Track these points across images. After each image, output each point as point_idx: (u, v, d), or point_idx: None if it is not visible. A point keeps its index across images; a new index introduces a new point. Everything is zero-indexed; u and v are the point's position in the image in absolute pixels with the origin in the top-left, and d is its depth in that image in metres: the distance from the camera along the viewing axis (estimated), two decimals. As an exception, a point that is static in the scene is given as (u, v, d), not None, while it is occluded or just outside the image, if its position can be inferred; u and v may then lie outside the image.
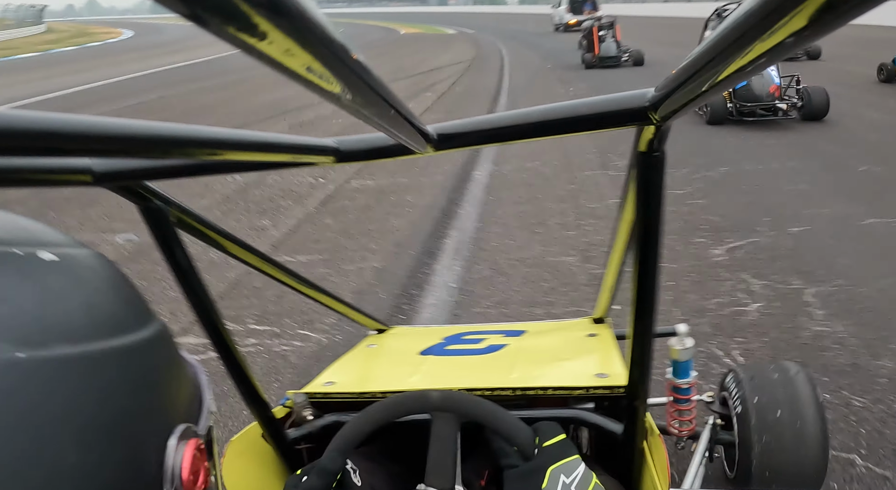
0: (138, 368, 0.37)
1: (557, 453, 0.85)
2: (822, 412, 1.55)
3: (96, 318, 0.36)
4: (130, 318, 0.39)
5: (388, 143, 0.67)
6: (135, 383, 0.37)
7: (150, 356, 0.39)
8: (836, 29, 0.26)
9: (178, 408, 0.41)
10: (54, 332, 0.33)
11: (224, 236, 0.98)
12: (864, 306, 2.84)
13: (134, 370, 0.37)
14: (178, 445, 0.38)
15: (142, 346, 0.38)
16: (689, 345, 1.44)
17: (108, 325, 0.37)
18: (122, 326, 0.38)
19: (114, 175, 0.62)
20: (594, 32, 13.24)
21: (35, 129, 0.33)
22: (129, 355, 0.37)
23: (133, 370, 0.37)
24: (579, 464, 0.84)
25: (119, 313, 0.38)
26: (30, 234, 0.39)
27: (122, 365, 0.36)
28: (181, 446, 0.39)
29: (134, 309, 0.40)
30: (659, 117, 0.57)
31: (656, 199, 0.70)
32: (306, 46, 0.24)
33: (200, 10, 0.19)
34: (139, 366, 0.38)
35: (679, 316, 2.82)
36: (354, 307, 1.60)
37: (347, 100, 0.34)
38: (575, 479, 0.82)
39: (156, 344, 0.40)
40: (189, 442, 0.40)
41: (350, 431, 0.93)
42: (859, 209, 4.07)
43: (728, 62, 0.35)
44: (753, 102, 6.58)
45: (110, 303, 0.39)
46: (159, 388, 0.39)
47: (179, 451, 0.38)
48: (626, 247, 1.16)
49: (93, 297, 0.37)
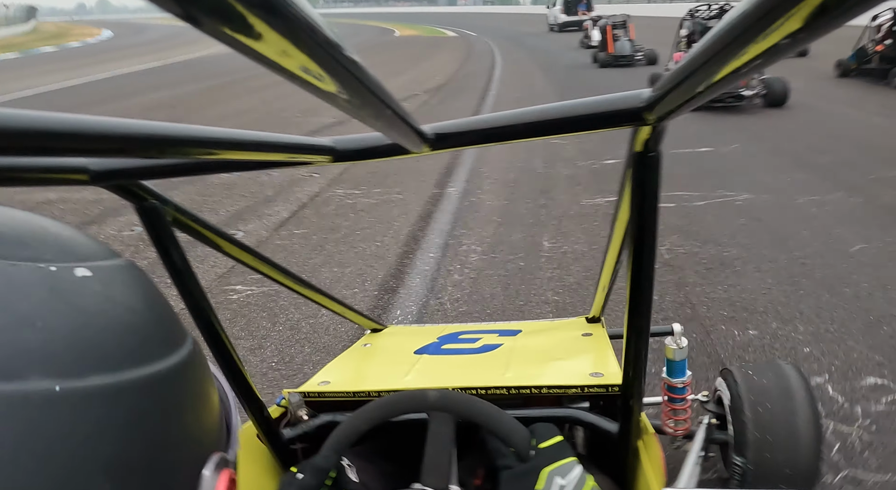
0: (171, 396, 0.37)
1: (553, 455, 0.85)
2: (816, 411, 1.56)
3: (129, 342, 0.35)
4: (165, 341, 0.38)
5: (384, 142, 0.67)
6: (168, 412, 0.36)
7: (183, 381, 0.38)
8: (831, 31, 0.26)
9: (210, 434, 0.40)
10: (88, 360, 0.32)
11: (220, 235, 0.99)
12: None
13: (167, 398, 0.36)
14: (212, 476, 0.38)
15: (175, 371, 0.38)
16: (684, 344, 1.44)
17: (144, 349, 0.36)
18: (157, 351, 0.37)
19: (110, 174, 0.62)
20: (608, 31, 13.22)
21: (31, 129, 0.33)
22: (163, 382, 0.36)
23: (166, 398, 0.36)
24: (575, 466, 0.84)
25: (154, 336, 0.38)
26: (63, 246, 0.38)
27: (155, 393, 0.35)
28: (215, 477, 0.38)
29: (167, 330, 0.40)
30: (655, 118, 0.57)
31: (651, 200, 0.70)
32: (302, 47, 0.24)
33: (195, 11, 0.19)
34: (172, 393, 0.37)
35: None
36: (350, 307, 1.61)
37: (343, 100, 0.34)
38: (571, 481, 0.82)
39: (188, 368, 0.39)
40: (223, 472, 0.39)
41: (346, 430, 0.93)
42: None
43: (724, 63, 0.35)
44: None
45: (143, 324, 0.38)
46: (192, 414, 0.38)
47: (213, 481, 0.38)
48: (621, 246, 1.16)
49: (126, 317, 0.37)
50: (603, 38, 13.46)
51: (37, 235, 0.38)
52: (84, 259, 0.38)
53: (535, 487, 0.82)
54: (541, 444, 0.86)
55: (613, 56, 13.00)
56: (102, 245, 0.42)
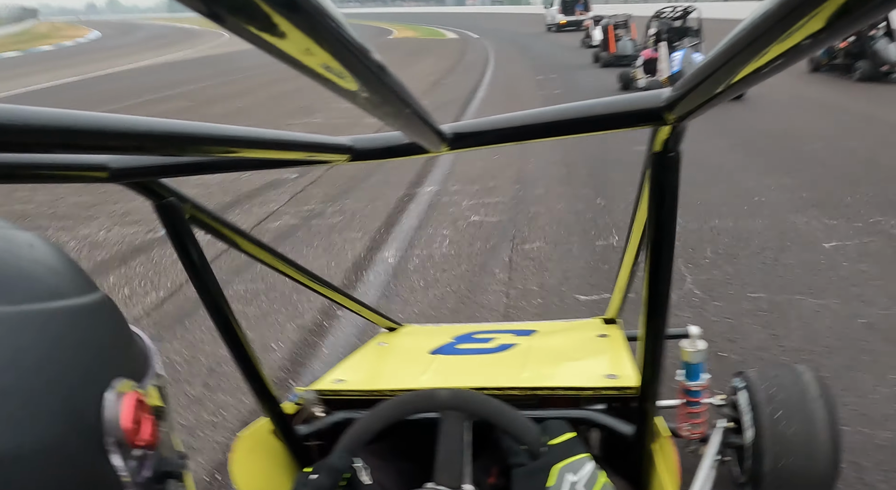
0: (74, 329, 0.39)
1: (564, 452, 0.85)
2: (833, 416, 1.53)
3: (33, 282, 0.38)
4: (68, 286, 0.41)
5: (402, 141, 0.67)
6: (71, 342, 0.38)
7: (88, 320, 0.41)
8: (853, 31, 0.26)
9: (118, 367, 0.42)
10: None
11: (238, 233, 0.99)
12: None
13: (70, 330, 0.39)
14: (117, 398, 0.40)
15: (79, 309, 0.40)
16: (701, 347, 1.43)
17: (45, 289, 0.38)
18: (59, 292, 0.39)
19: (129, 172, 0.63)
20: (610, 31, 13.20)
21: (53, 126, 0.34)
22: (65, 317, 0.39)
23: (69, 330, 0.39)
24: (587, 462, 0.84)
25: (57, 281, 0.40)
26: None
27: (58, 325, 0.38)
28: (120, 398, 0.40)
29: (72, 278, 0.42)
30: (674, 118, 0.57)
31: (671, 200, 0.70)
32: (325, 45, 0.24)
33: (220, 10, 0.19)
34: (76, 327, 0.39)
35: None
36: (367, 305, 1.61)
37: (364, 98, 0.34)
38: (582, 477, 0.82)
39: (94, 310, 0.42)
40: (128, 393, 0.41)
41: (359, 430, 0.93)
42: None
43: (745, 63, 0.35)
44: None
45: (48, 271, 0.40)
46: (97, 348, 0.41)
47: (119, 402, 0.40)
48: (639, 247, 1.15)
49: (30, 265, 0.39)
50: (605, 38, 13.43)
51: None
52: None
53: (546, 484, 0.81)
54: (551, 441, 0.86)
55: (615, 56, 12.90)
56: (7, 220, 0.45)
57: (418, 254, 3.79)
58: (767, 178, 4.74)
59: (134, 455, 0.41)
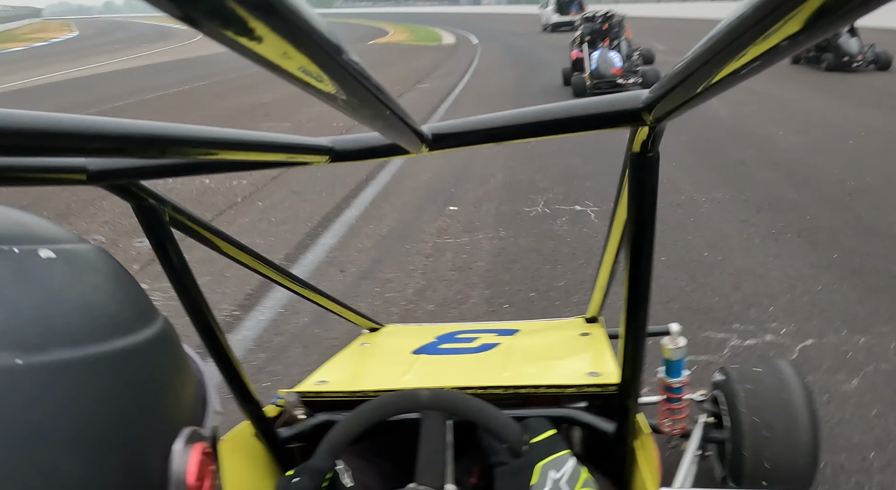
0: (139, 370, 0.37)
1: (546, 449, 0.85)
2: (813, 410, 1.56)
3: (96, 318, 0.35)
4: (132, 318, 0.38)
5: (382, 142, 0.67)
6: (136, 386, 0.36)
7: (153, 356, 0.38)
8: (831, 32, 0.26)
9: (182, 409, 0.40)
10: (53, 335, 0.32)
11: (218, 235, 0.98)
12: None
13: (135, 372, 0.36)
14: (183, 450, 0.37)
15: (143, 346, 0.38)
16: (682, 344, 1.45)
17: (109, 325, 0.36)
18: (123, 327, 0.37)
19: (108, 174, 0.62)
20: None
21: (29, 129, 0.33)
22: (131, 357, 0.36)
23: (134, 372, 0.36)
24: (568, 458, 0.85)
25: (120, 313, 0.38)
26: (27, 230, 0.38)
27: (123, 367, 0.35)
28: (187, 450, 0.38)
29: (135, 307, 0.40)
30: (653, 119, 0.57)
31: (650, 200, 0.70)
32: (302, 48, 0.24)
33: (195, 14, 0.19)
34: (140, 367, 0.37)
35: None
36: (348, 307, 1.61)
37: (342, 100, 0.34)
38: (564, 474, 0.82)
39: (158, 344, 0.39)
40: (195, 446, 0.39)
41: (340, 431, 0.93)
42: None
43: (722, 65, 0.35)
44: (601, 79, 9.07)
45: (111, 301, 0.38)
46: (162, 389, 0.38)
47: (185, 455, 0.38)
48: (618, 246, 1.16)
49: (93, 295, 0.37)
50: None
51: (1, 221, 0.38)
52: (48, 242, 0.38)
53: (530, 483, 0.82)
54: (533, 439, 0.86)
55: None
56: (69, 230, 0.42)
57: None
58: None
59: None
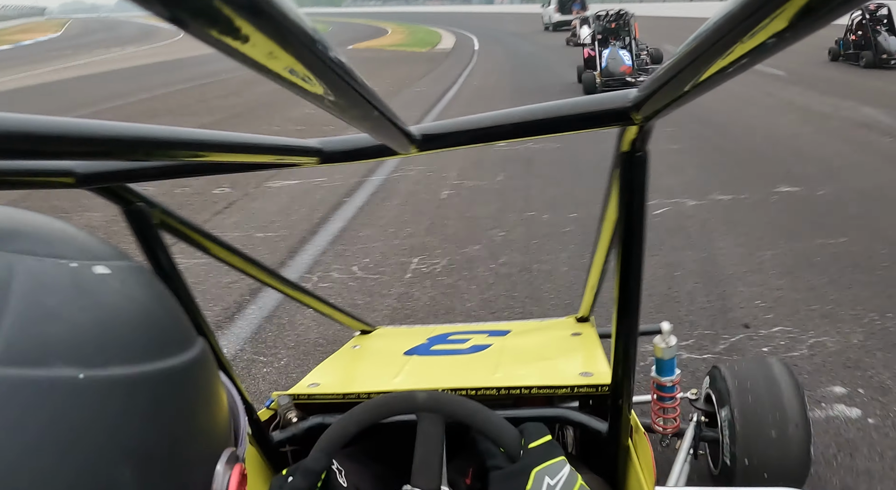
0: (188, 389, 0.37)
1: (542, 455, 0.85)
2: (804, 407, 1.57)
3: (150, 337, 0.36)
4: (179, 338, 0.39)
5: (371, 143, 0.67)
6: (185, 404, 0.37)
7: (197, 377, 0.39)
8: (817, 30, 0.27)
9: (222, 430, 0.41)
10: (111, 351, 0.33)
11: (207, 237, 0.98)
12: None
13: (184, 391, 0.37)
14: (224, 470, 0.38)
15: (190, 366, 0.38)
16: (673, 343, 1.45)
17: (161, 344, 0.37)
18: (172, 346, 0.37)
19: (96, 177, 0.61)
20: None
21: (16, 132, 0.33)
22: (180, 376, 0.37)
23: (183, 391, 0.37)
24: (564, 465, 0.85)
25: (169, 333, 0.38)
26: (80, 245, 0.39)
27: (174, 386, 0.36)
28: (227, 471, 0.39)
29: (181, 328, 0.40)
30: (641, 118, 0.57)
31: (639, 199, 0.70)
32: (289, 48, 0.24)
33: (182, 14, 0.19)
34: (188, 386, 0.37)
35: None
36: (340, 309, 1.60)
37: (330, 101, 0.34)
38: (560, 480, 0.82)
39: (202, 364, 0.40)
40: (235, 467, 0.39)
41: (335, 432, 0.93)
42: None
43: (710, 63, 0.35)
44: (610, 77, 9.38)
45: (161, 321, 0.38)
46: (206, 409, 0.39)
47: (226, 476, 0.38)
48: (609, 246, 1.17)
49: (145, 315, 0.37)
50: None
51: (55, 234, 0.39)
52: (101, 258, 0.39)
53: (525, 488, 0.82)
54: (530, 444, 0.86)
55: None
56: (114, 247, 0.43)
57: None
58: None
59: None
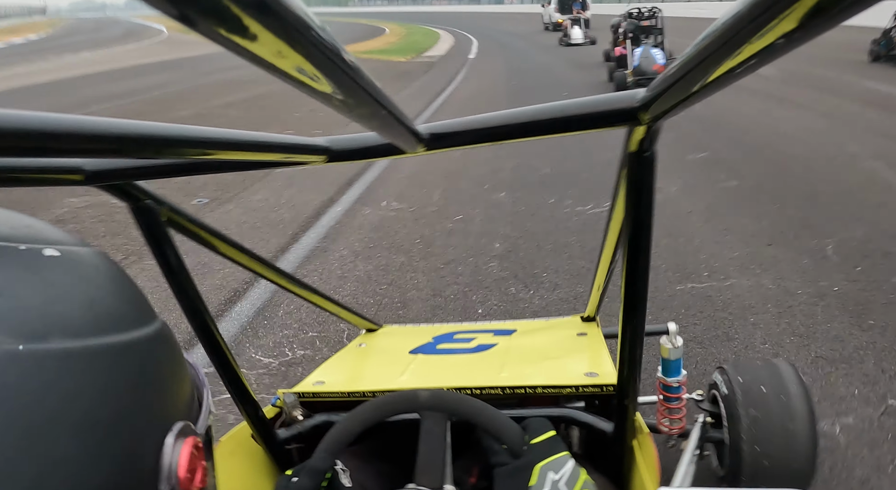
0: (137, 365, 0.38)
1: (546, 450, 0.85)
2: (811, 409, 1.56)
3: (97, 313, 0.37)
4: (131, 316, 0.39)
5: (379, 142, 0.67)
6: (133, 380, 0.37)
7: (150, 354, 0.40)
8: (827, 30, 0.26)
9: (177, 406, 0.41)
10: (55, 325, 0.34)
11: (215, 235, 0.98)
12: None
13: (133, 367, 0.37)
14: (175, 443, 0.39)
15: (141, 343, 0.39)
16: (679, 343, 1.45)
17: (109, 321, 0.37)
18: (122, 323, 0.38)
19: (105, 174, 0.62)
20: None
21: (26, 129, 0.33)
22: (129, 352, 0.37)
23: (132, 367, 0.37)
24: (567, 460, 0.85)
25: (120, 310, 0.39)
26: (33, 232, 0.39)
27: (122, 361, 0.36)
28: (178, 444, 0.39)
29: (135, 307, 0.41)
30: (649, 118, 0.57)
31: (647, 199, 0.70)
32: (297, 47, 0.24)
33: (190, 12, 0.19)
34: (138, 363, 0.38)
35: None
36: (346, 307, 1.60)
37: (338, 100, 0.34)
38: (563, 475, 0.82)
39: (155, 342, 0.41)
40: (186, 439, 0.40)
41: (340, 431, 0.93)
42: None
43: (718, 64, 0.35)
44: (643, 77, 9.11)
45: (112, 300, 0.39)
46: (158, 385, 0.40)
47: (177, 448, 0.39)
48: (616, 246, 1.16)
49: (94, 293, 0.38)
50: (616, 37, 11.68)
51: (6, 222, 0.39)
52: (53, 243, 0.39)
53: (528, 484, 0.82)
54: (532, 440, 0.86)
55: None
56: (73, 234, 0.43)
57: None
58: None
59: None
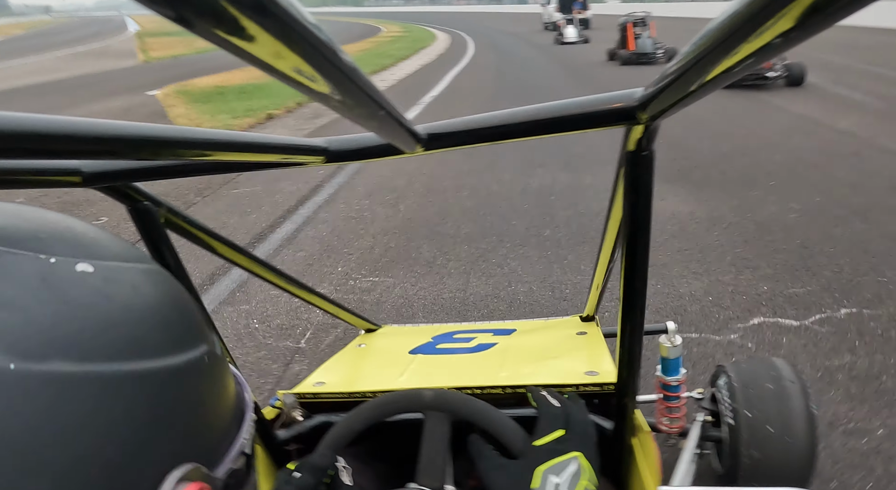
0: (150, 397, 0.35)
1: (549, 452, 0.85)
2: (810, 408, 1.56)
3: (113, 337, 0.34)
4: (158, 343, 0.37)
5: (377, 142, 0.67)
6: (137, 413, 0.34)
7: (171, 385, 0.37)
8: (824, 30, 0.26)
9: (186, 446, 0.38)
10: (57, 346, 0.32)
11: (213, 236, 0.98)
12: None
13: (141, 399, 0.35)
14: (175, 487, 0.35)
15: (161, 373, 0.36)
16: (678, 342, 1.45)
17: (127, 346, 0.35)
18: (144, 350, 0.35)
19: (103, 176, 0.62)
20: (629, 29, 12.61)
21: (24, 131, 0.33)
22: (142, 382, 0.35)
23: (140, 399, 0.35)
24: (570, 463, 0.84)
25: (146, 335, 0.36)
26: (78, 243, 0.37)
27: (128, 392, 0.34)
28: (179, 488, 0.36)
29: (170, 333, 0.38)
30: (647, 117, 0.57)
31: (645, 198, 0.70)
32: (295, 48, 0.24)
33: (188, 14, 0.19)
34: (153, 394, 0.35)
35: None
36: (345, 307, 1.60)
37: (337, 100, 0.34)
38: (566, 479, 0.82)
39: (183, 373, 0.38)
40: (190, 485, 0.36)
41: (342, 429, 0.93)
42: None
43: (716, 63, 0.35)
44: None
45: (139, 323, 0.36)
46: (171, 420, 0.36)
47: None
48: (614, 245, 1.16)
49: (118, 315, 0.35)
50: (623, 36, 12.79)
51: (56, 232, 0.38)
52: (94, 257, 0.37)
53: (531, 487, 0.81)
54: (535, 442, 0.86)
55: (635, 53, 12.39)
56: (132, 249, 0.41)
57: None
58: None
59: None
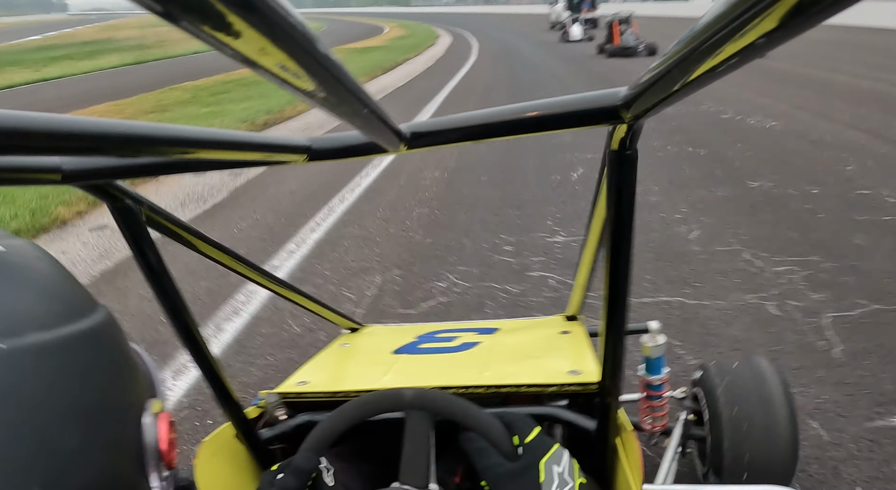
0: (105, 350, 0.39)
1: (542, 446, 0.86)
2: (791, 406, 1.58)
3: (57, 304, 0.38)
4: (84, 303, 0.41)
5: (361, 141, 0.67)
6: (104, 364, 0.39)
7: (110, 337, 0.41)
8: (807, 30, 0.27)
9: (143, 385, 0.43)
10: (25, 320, 0.35)
11: (194, 234, 0.98)
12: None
13: (101, 351, 0.39)
14: (153, 420, 0.40)
15: (101, 327, 0.40)
16: (661, 341, 1.46)
17: (70, 310, 0.39)
18: (80, 311, 0.39)
19: (83, 174, 0.61)
20: (615, 26, 15.44)
21: (2, 127, 0.33)
22: (94, 338, 0.39)
23: (101, 352, 0.39)
24: (563, 451, 0.86)
25: (74, 299, 0.40)
26: None
27: (90, 347, 0.38)
28: (156, 420, 0.41)
29: (83, 294, 0.42)
30: (631, 116, 0.57)
31: (628, 198, 0.71)
32: (280, 44, 0.24)
33: (173, 9, 0.19)
34: (105, 347, 0.40)
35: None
36: (328, 306, 1.60)
37: (321, 97, 0.34)
38: (564, 466, 0.84)
39: (111, 326, 0.42)
40: (161, 415, 0.42)
41: (324, 430, 0.92)
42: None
43: (700, 62, 0.35)
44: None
45: (65, 289, 0.40)
46: (125, 366, 0.41)
47: (155, 424, 0.41)
48: (598, 244, 1.17)
49: (49, 285, 0.39)
50: (610, 33, 15.67)
51: None
52: None
53: (539, 481, 0.82)
54: (526, 439, 0.87)
55: (620, 47, 15.21)
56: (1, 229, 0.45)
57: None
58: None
59: (165, 475, 0.41)
